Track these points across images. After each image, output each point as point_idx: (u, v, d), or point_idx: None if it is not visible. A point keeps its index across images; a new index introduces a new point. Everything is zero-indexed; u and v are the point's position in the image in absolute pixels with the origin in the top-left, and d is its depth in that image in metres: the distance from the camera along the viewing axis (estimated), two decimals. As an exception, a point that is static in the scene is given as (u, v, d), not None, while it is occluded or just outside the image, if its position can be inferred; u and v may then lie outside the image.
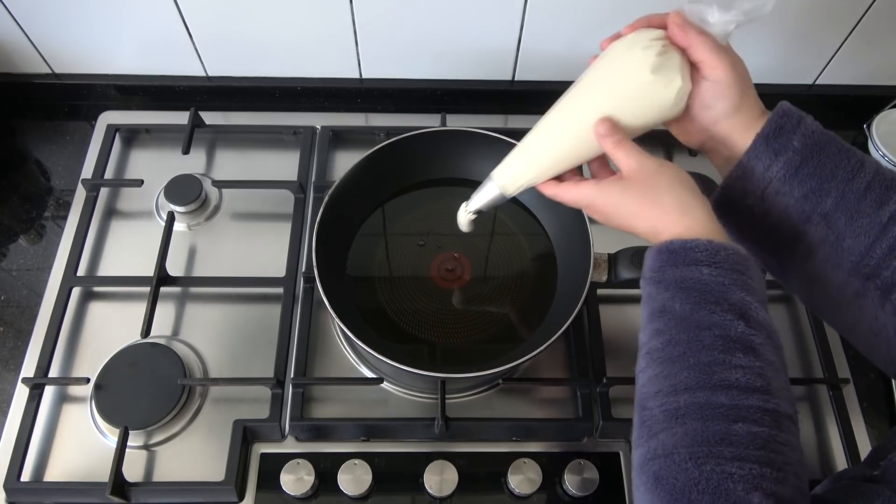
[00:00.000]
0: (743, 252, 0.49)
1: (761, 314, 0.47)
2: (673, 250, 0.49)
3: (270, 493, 0.72)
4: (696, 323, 0.47)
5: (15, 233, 0.91)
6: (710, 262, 0.48)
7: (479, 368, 0.69)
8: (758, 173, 0.53)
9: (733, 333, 0.46)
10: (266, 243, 0.88)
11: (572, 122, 0.56)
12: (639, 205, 0.53)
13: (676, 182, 0.52)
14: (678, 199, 0.51)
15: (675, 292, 0.48)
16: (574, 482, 0.72)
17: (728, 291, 0.47)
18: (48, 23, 0.91)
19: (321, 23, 0.91)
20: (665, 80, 0.52)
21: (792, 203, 0.53)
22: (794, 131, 0.52)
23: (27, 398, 0.75)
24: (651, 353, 0.49)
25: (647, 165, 0.53)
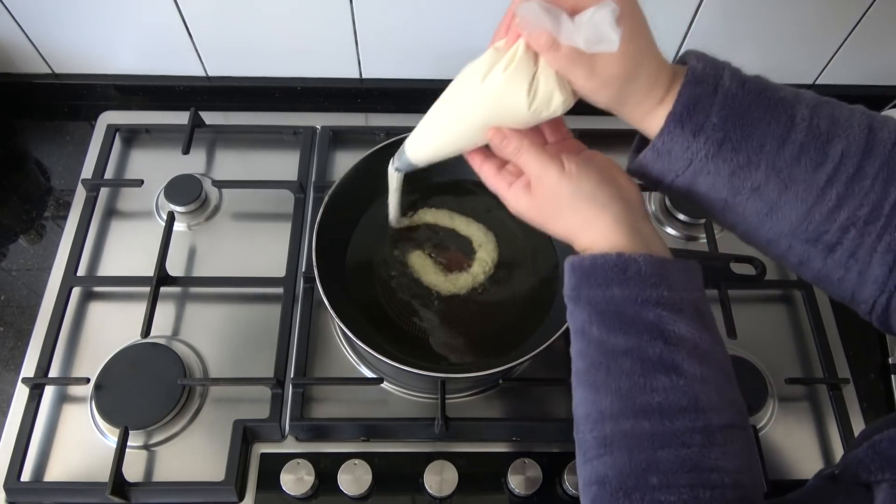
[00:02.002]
0: (656, 258, 0.46)
1: (681, 327, 0.45)
2: (584, 268, 0.48)
3: (270, 493, 0.72)
4: (612, 348, 0.45)
5: (15, 233, 0.91)
6: (620, 281, 0.46)
7: (479, 368, 0.69)
8: (675, 156, 0.48)
9: (651, 355, 0.44)
10: (266, 243, 0.88)
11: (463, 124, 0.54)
12: (545, 218, 0.52)
13: (578, 193, 0.49)
14: (580, 213, 0.49)
15: (590, 314, 0.47)
16: (574, 482, 0.72)
17: (642, 310, 0.45)
18: (48, 23, 0.91)
19: (321, 23, 0.91)
20: (545, 103, 0.49)
21: (718, 181, 0.48)
22: (711, 103, 0.46)
23: (27, 398, 0.75)
24: (577, 374, 0.48)
25: (547, 177, 0.50)
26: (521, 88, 0.48)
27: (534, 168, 0.50)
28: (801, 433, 0.79)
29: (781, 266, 0.90)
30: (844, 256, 0.47)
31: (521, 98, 0.48)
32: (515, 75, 0.48)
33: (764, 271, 0.80)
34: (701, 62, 0.48)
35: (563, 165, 0.50)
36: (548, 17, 0.44)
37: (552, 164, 0.50)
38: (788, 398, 0.80)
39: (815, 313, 0.84)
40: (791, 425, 0.79)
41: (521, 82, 0.48)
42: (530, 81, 0.48)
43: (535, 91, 0.48)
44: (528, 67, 0.48)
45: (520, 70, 0.48)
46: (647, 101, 0.48)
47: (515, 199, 0.52)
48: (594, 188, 0.49)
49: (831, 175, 0.46)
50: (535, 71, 0.48)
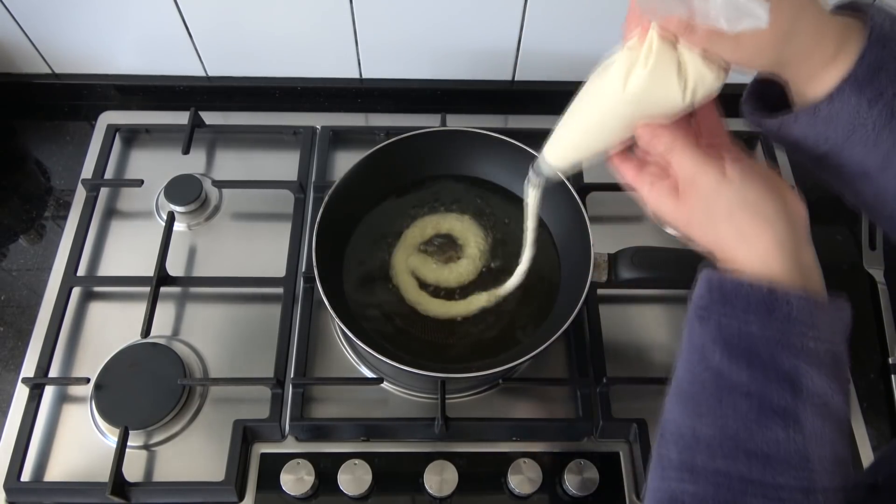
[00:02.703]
0: (810, 301, 0.41)
1: (816, 381, 0.40)
2: (724, 291, 0.42)
3: (270, 493, 0.72)
4: (733, 383, 0.41)
5: (15, 233, 0.91)
6: (764, 320, 0.41)
7: (479, 368, 0.69)
8: (839, 122, 0.42)
9: (774, 404, 0.40)
10: (266, 243, 0.88)
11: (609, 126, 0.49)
12: (693, 225, 0.45)
13: (739, 202, 0.43)
14: (737, 226, 0.43)
15: (716, 340, 0.42)
16: (574, 482, 0.72)
17: (778, 355, 0.40)
18: (48, 23, 0.91)
19: (321, 23, 0.91)
20: (698, 86, 0.43)
21: (873, 152, 0.43)
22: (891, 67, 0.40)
23: (27, 398, 0.75)
24: (680, 390, 0.45)
25: (704, 180, 0.44)
26: (669, 80, 0.43)
27: (688, 168, 0.44)
28: (801, 433, 0.79)
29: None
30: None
31: (673, 89, 0.43)
32: (658, 69, 0.43)
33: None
34: (887, 19, 0.41)
35: (725, 168, 0.44)
36: (670, 1, 0.39)
37: (711, 166, 0.44)
38: (788, 398, 0.80)
39: (815, 313, 0.84)
40: (791, 425, 0.79)
41: (668, 74, 0.43)
42: (677, 70, 0.43)
43: (684, 78, 0.43)
44: (669, 55, 0.43)
45: (662, 61, 0.43)
46: (813, 60, 0.42)
47: (659, 202, 0.47)
48: (760, 198, 0.43)
49: None
50: (677, 56, 0.43)
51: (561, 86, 1.01)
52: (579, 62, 0.98)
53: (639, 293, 0.85)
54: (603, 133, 0.49)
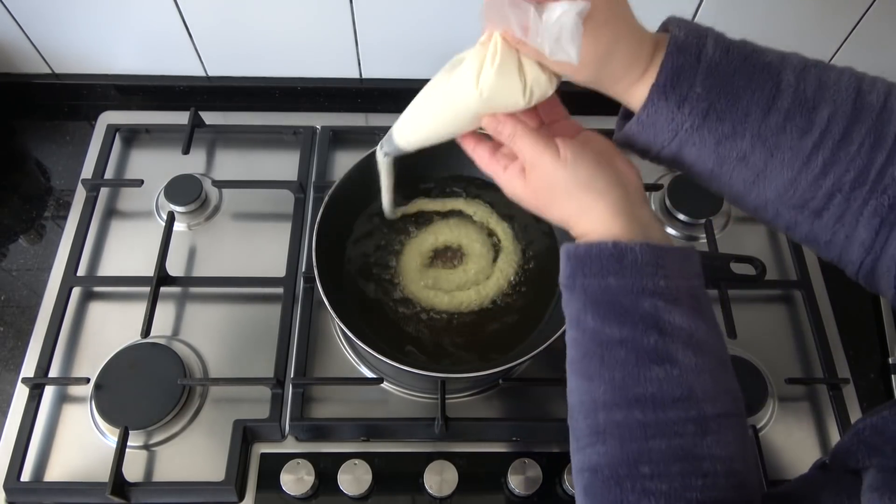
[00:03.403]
0: (653, 247, 0.46)
1: (677, 317, 0.44)
2: (579, 257, 0.47)
3: (270, 493, 0.72)
4: (607, 339, 0.45)
5: (15, 233, 0.91)
6: (616, 270, 0.45)
7: (479, 368, 0.69)
8: (660, 127, 0.47)
9: (646, 345, 0.44)
10: (266, 243, 0.88)
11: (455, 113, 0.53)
12: (541, 204, 0.51)
13: (574, 180, 0.48)
14: (577, 201, 0.49)
15: (585, 303, 0.47)
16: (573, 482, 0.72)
17: (637, 300, 0.45)
18: (48, 23, 0.91)
19: (321, 23, 0.91)
20: (535, 88, 0.48)
21: (704, 151, 0.48)
22: (694, 72, 0.45)
23: (27, 398, 0.75)
24: (571, 362, 0.48)
25: (542, 164, 0.49)
26: (512, 81, 0.48)
27: (528, 154, 0.50)
28: (801, 433, 0.79)
29: (781, 266, 0.90)
30: (831, 221, 0.47)
31: (515, 89, 0.48)
32: (503, 69, 0.47)
33: (764, 271, 0.80)
34: (683, 30, 0.46)
35: (559, 151, 0.49)
36: (513, 13, 0.43)
37: (547, 150, 0.49)
38: (788, 398, 0.80)
39: (815, 313, 0.84)
40: (791, 425, 0.79)
41: (511, 75, 0.47)
42: (518, 70, 0.47)
43: (524, 79, 0.48)
44: (511, 58, 0.47)
45: (505, 63, 0.47)
46: (628, 77, 0.47)
47: (510, 183, 0.52)
48: (591, 174, 0.48)
49: (817, 142, 0.45)
50: (517, 59, 0.47)
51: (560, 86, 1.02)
52: (579, 62, 0.99)
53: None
54: (452, 122, 0.54)
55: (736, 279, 0.82)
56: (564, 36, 0.42)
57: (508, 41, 0.47)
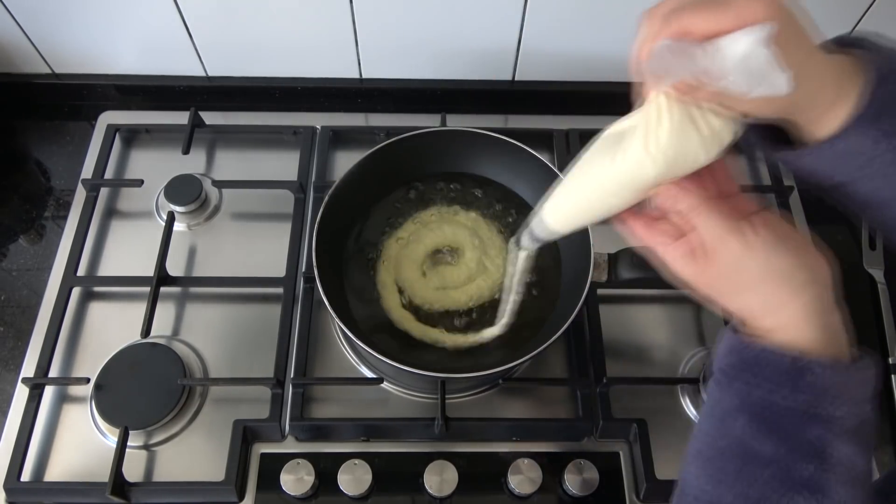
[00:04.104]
0: (839, 368, 0.40)
1: (840, 449, 0.40)
2: (747, 358, 0.42)
3: (270, 493, 0.72)
4: (754, 451, 0.41)
5: (15, 233, 0.91)
6: (790, 388, 0.40)
7: (479, 368, 0.69)
8: (855, 157, 0.43)
9: (799, 475, 0.40)
10: (266, 243, 0.88)
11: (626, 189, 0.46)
12: (718, 292, 0.45)
13: (764, 274, 0.42)
14: (765, 295, 0.42)
15: (739, 407, 0.42)
16: (574, 482, 0.72)
17: (805, 425, 0.40)
18: (48, 23, 0.91)
19: (321, 23, 0.91)
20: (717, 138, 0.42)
21: (889, 182, 0.44)
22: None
23: (27, 398, 0.75)
24: (700, 454, 0.44)
25: (729, 249, 0.42)
26: (689, 136, 0.42)
27: (712, 233, 0.43)
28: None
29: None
30: None
31: (693, 144, 0.42)
32: (677, 125, 0.41)
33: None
34: (879, 53, 0.43)
35: (749, 235, 0.42)
36: (678, 61, 0.38)
37: (736, 233, 0.42)
38: (788, 398, 0.80)
39: (815, 313, 0.84)
40: (791, 425, 0.79)
41: (687, 129, 0.42)
42: (693, 126, 0.41)
43: (701, 133, 0.42)
44: (684, 112, 0.42)
45: (678, 120, 0.41)
46: (818, 102, 0.43)
47: (677, 262, 0.45)
48: (788, 266, 0.42)
49: None
50: (689, 113, 0.42)
51: (561, 86, 1.02)
52: (579, 62, 0.99)
53: (639, 293, 0.85)
54: (618, 197, 0.47)
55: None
56: (759, 67, 0.37)
57: (677, 94, 0.41)
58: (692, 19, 0.39)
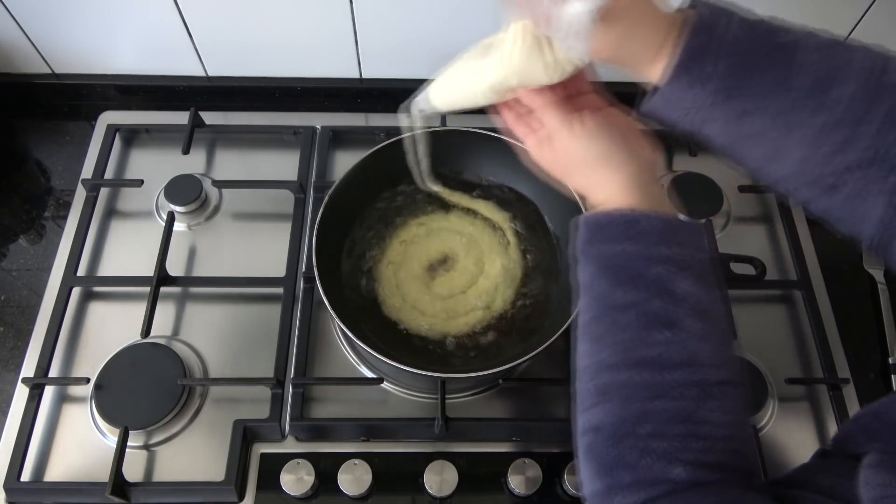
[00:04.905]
0: (666, 216, 0.48)
1: (685, 284, 0.46)
2: (597, 224, 0.49)
3: (270, 493, 0.72)
4: (614, 303, 0.47)
5: (15, 233, 0.91)
6: (630, 236, 0.47)
7: (479, 368, 0.69)
8: (680, 103, 0.49)
9: (653, 310, 0.46)
10: (266, 243, 0.88)
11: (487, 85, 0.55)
12: (562, 172, 0.54)
13: (591, 154, 0.51)
14: (595, 172, 0.52)
15: (597, 269, 0.49)
16: (574, 482, 0.72)
17: (648, 265, 0.46)
18: (48, 23, 0.91)
19: (321, 23, 0.91)
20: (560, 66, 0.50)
21: (722, 127, 0.49)
22: (715, 51, 0.46)
23: (27, 398, 0.75)
24: (582, 327, 0.50)
25: (561, 137, 0.52)
26: (535, 61, 0.50)
27: (552, 124, 0.52)
28: (801, 433, 0.79)
29: (781, 266, 0.90)
30: (846, 197, 0.48)
31: (538, 68, 0.50)
32: (526, 51, 0.50)
33: (764, 271, 0.80)
34: (707, 8, 0.48)
35: (580, 124, 0.51)
36: (530, 5, 0.46)
37: (567, 123, 0.51)
38: (788, 398, 0.80)
39: (815, 313, 0.84)
40: (791, 425, 0.79)
41: (534, 56, 0.50)
42: (540, 52, 0.50)
43: (547, 59, 0.50)
44: (535, 42, 0.50)
45: (529, 46, 0.50)
46: (646, 55, 0.48)
47: (537, 150, 0.55)
48: (608, 148, 0.51)
49: (832, 120, 0.46)
50: (541, 42, 0.50)
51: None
52: (579, 62, 0.99)
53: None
54: (483, 95, 0.56)
55: (736, 279, 0.82)
56: (576, 32, 0.44)
57: (531, 27, 0.49)
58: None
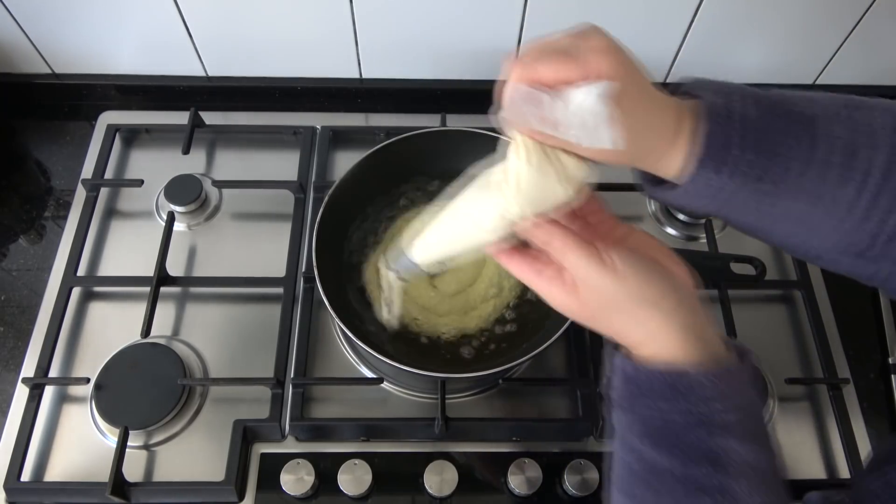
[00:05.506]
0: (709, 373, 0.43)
1: (737, 448, 0.43)
2: (635, 382, 0.45)
3: (270, 493, 0.72)
4: (653, 465, 0.44)
5: (15, 233, 0.91)
6: (669, 398, 0.43)
7: (479, 368, 0.69)
8: (700, 192, 0.46)
9: (695, 480, 0.42)
10: (266, 243, 0.88)
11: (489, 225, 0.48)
12: (587, 317, 0.48)
13: (625, 296, 0.45)
14: (632, 316, 0.45)
15: (634, 424, 0.45)
16: (574, 482, 0.72)
17: (690, 430, 0.43)
18: (48, 23, 0.91)
19: (321, 23, 0.91)
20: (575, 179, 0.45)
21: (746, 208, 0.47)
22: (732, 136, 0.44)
23: (27, 398, 0.75)
24: (616, 479, 0.47)
25: (591, 279, 0.45)
26: (548, 175, 0.44)
27: (578, 271, 0.46)
28: (801, 433, 0.79)
29: (781, 266, 0.90)
30: (875, 259, 0.46)
31: (553, 182, 0.44)
32: (536, 164, 0.44)
33: (764, 271, 0.80)
34: (710, 93, 0.45)
35: (607, 261, 0.45)
36: (530, 109, 0.41)
37: (595, 263, 0.45)
38: (788, 398, 0.80)
39: (815, 313, 0.84)
40: (791, 425, 0.79)
41: (546, 168, 0.44)
42: (551, 164, 0.44)
43: (560, 170, 0.44)
44: (543, 153, 0.44)
45: (537, 157, 0.44)
46: (661, 144, 0.45)
47: (550, 293, 0.48)
48: (642, 284, 0.45)
49: (859, 187, 0.43)
50: (549, 155, 0.44)
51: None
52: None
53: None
54: (494, 232, 0.48)
55: (736, 279, 0.82)
56: (594, 121, 0.40)
57: (535, 139, 0.44)
58: (543, 67, 0.42)
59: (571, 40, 0.44)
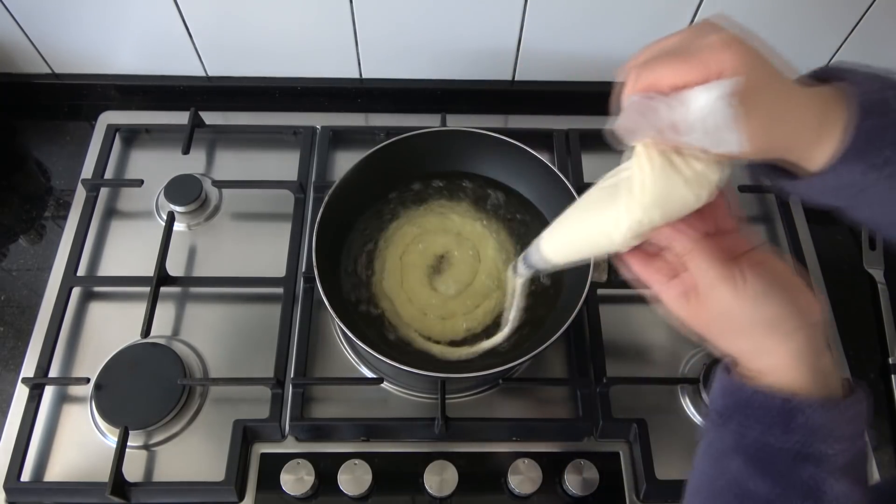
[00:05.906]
0: (827, 408, 0.41)
1: (836, 487, 0.41)
2: (741, 401, 0.43)
3: (270, 493, 0.72)
4: (751, 494, 0.42)
5: (15, 233, 0.91)
6: (782, 429, 0.41)
7: (479, 368, 0.69)
8: (845, 187, 0.43)
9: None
10: (266, 243, 0.88)
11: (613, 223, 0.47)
12: (709, 332, 0.45)
13: (755, 320, 0.42)
14: (755, 341, 0.43)
15: (734, 447, 0.43)
16: (574, 482, 0.72)
17: (798, 467, 0.41)
18: (48, 23, 0.91)
19: (321, 23, 0.91)
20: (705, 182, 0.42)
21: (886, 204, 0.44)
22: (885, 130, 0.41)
23: (27, 398, 0.75)
24: (699, 489, 0.45)
25: (721, 295, 0.43)
26: (674, 180, 0.42)
27: (705, 278, 0.43)
28: (801, 433, 0.79)
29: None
30: None
31: (679, 187, 0.42)
32: (661, 176, 0.42)
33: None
34: (865, 79, 0.43)
35: (742, 280, 0.42)
36: (647, 118, 0.39)
37: (728, 279, 0.42)
38: (788, 398, 0.80)
39: (815, 313, 0.84)
40: (791, 425, 0.79)
41: (671, 174, 0.42)
42: (679, 172, 0.42)
43: (687, 174, 0.42)
44: (665, 161, 0.42)
45: (660, 167, 0.42)
46: (805, 136, 0.42)
47: (673, 305, 0.46)
48: (777, 314, 0.42)
49: None
50: (673, 160, 0.42)
51: (561, 86, 1.02)
52: (579, 62, 0.99)
53: (639, 293, 0.85)
54: (624, 240, 0.47)
55: (736, 279, 0.81)
56: (716, 125, 0.38)
57: (657, 147, 0.42)
58: (660, 72, 0.40)
59: (687, 39, 0.41)
